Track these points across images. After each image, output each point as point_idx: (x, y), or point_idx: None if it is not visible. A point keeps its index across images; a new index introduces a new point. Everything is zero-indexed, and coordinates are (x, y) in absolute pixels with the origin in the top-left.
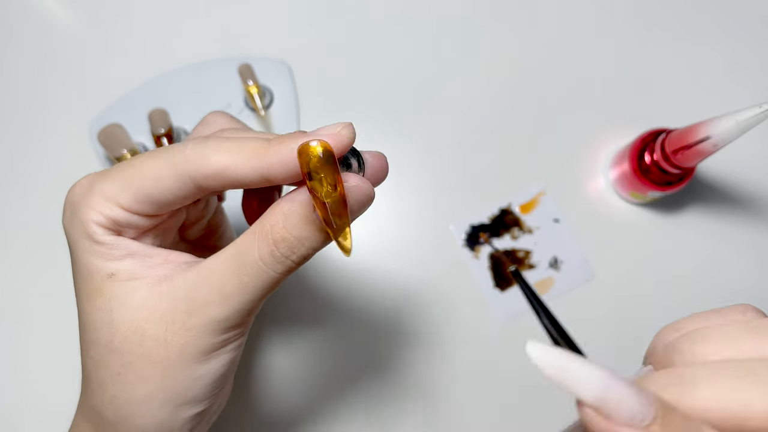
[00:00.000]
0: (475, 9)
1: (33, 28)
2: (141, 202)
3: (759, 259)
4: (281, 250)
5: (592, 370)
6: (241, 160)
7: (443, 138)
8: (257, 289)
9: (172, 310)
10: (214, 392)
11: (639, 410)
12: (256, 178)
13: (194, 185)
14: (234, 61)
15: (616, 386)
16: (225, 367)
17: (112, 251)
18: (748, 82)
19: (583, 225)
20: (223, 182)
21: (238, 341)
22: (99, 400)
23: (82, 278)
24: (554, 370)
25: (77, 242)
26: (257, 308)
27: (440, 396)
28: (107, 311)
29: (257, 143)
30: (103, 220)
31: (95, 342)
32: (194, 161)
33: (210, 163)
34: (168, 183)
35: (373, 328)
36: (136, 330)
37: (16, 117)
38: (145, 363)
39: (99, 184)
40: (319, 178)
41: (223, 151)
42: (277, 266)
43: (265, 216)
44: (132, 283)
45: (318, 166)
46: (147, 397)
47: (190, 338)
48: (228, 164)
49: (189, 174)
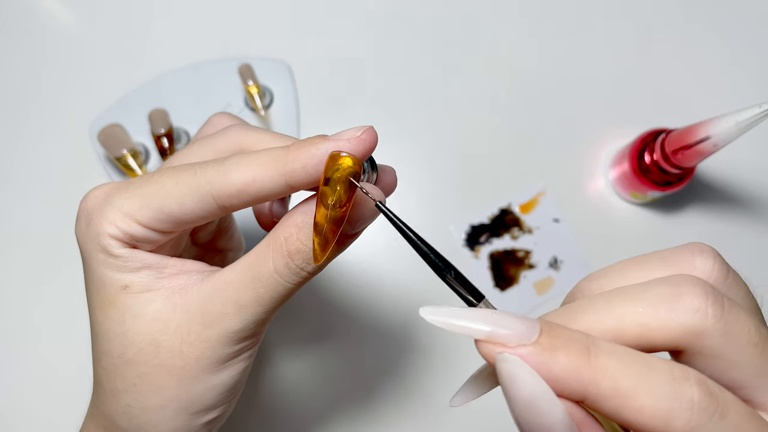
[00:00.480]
0: (474, 9)
1: (33, 28)
2: (161, 221)
3: (759, 259)
4: (296, 261)
5: (477, 315)
6: (264, 172)
7: (443, 138)
8: (272, 300)
9: (187, 321)
10: (229, 399)
11: (526, 331)
12: (280, 188)
13: (217, 205)
14: (234, 61)
15: (501, 320)
16: (239, 375)
17: (126, 263)
18: (748, 82)
19: (583, 225)
20: (246, 199)
21: (251, 350)
22: (113, 408)
23: (95, 288)
24: (447, 325)
25: (91, 253)
26: (271, 318)
27: (440, 397)
28: (120, 323)
29: (276, 152)
30: (119, 234)
31: (108, 352)
32: (216, 181)
33: (232, 182)
34: (191, 204)
35: (372, 329)
36: (151, 342)
37: (16, 117)
38: (161, 373)
39: (117, 199)
40: (335, 189)
41: (243, 166)
42: (293, 278)
43: (278, 227)
44: (146, 295)
45: (340, 180)
46: (162, 407)
47: (205, 349)
48: (251, 179)
49: (212, 194)
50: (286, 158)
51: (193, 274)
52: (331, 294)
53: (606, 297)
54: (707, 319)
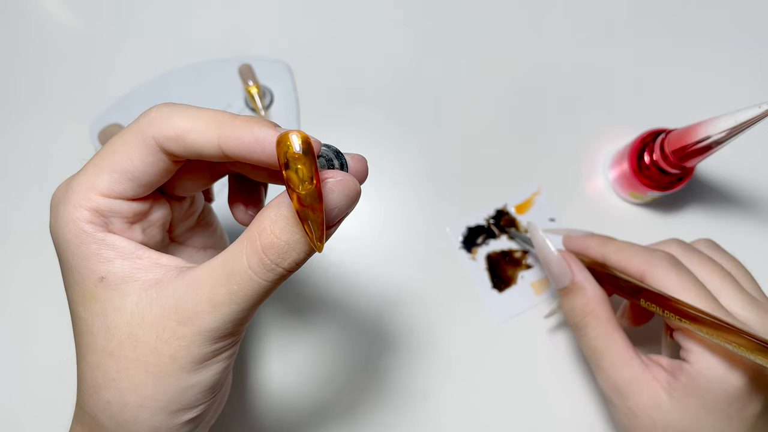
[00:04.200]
0: (474, 9)
1: (33, 28)
2: (117, 181)
3: (759, 259)
4: (271, 257)
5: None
6: (202, 126)
7: (441, 139)
8: (248, 298)
9: (161, 317)
10: (208, 399)
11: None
12: (213, 149)
13: (159, 149)
14: (234, 61)
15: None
16: (217, 375)
17: (101, 251)
18: (748, 82)
19: (583, 224)
20: (182, 146)
21: (230, 350)
22: (94, 405)
23: (73, 282)
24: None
25: (65, 246)
26: (249, 317)
27: (439, 397)
28: (103, 316)
29: (222, 115)
30: (86, 214)
31: (92, 346)
32: (158, 123)
33: (171, 125)
34: (136, 151)
35: (370, 330)
36: (130, 335)
37: (16, 117)
38: (138, 369)
39: (74, 180)
40: (296, 169)
41: (186, 115)
42: (268, 274)
43: (253, 223)
44: (123, 287)
45: (295, 156)
46: (140, 404)
47: (180, 347)
48: (188, 128)
49: (153, 136)
50: (228, 123)
51: (170, 269)
52: (320, 291)
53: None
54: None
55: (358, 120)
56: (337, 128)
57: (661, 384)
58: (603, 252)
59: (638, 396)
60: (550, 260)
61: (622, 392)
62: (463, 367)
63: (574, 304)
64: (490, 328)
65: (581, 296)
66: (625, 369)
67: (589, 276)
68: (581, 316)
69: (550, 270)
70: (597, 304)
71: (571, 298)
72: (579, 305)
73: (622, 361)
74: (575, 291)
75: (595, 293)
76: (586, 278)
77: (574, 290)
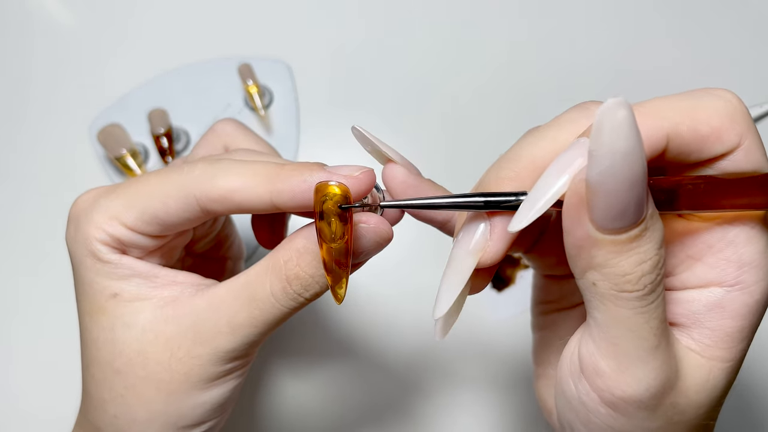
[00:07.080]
0: (474, 9)
1: (33, 28)
2: (146, 223)
3: None
4: (294, 287)
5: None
6: (251, 184)
7: (441, 138)
8: (267, 323)
9: (177, 336)
10: (218, 416)
11: None
12: (264, 205)
13: (200, 208)
14: (234, 61)
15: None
16: (228, 393)
17: (116, 270)
18: (748, 82)
19: None
20: (229, 206)
21: (242, 370)
22: (99, 418)
23: (85, 295)
24: (541, 206)
25: (81, 259)
26: (264, 340)
27: (439, 397)
28: (110, 330)
29: (269, 168)
30: (106, 238)
31: (97, 360)
32: (201, 183)
33: (217, 186)
34: (174, 204)
35: (368, 331)
36: (140, 352)
37: (17, 117)
38: (148, 386)
39: (104, 201)
40: (329, 222)
41: (232, 173)
42: (289, 302)
43: (278, 250)
44: (136, 304)
45: (331, 211)
46: (148, 420)
47: (194, 366)
48: (236, 187)
49: (195, 195)
50: (277, 176)
51: (187, 286)
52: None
53: None
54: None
55: (357, 120)
56: (337, 128)
57: None
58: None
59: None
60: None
61: None
62: (461, 367)
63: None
64: (490, 328)
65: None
66: None
67: None
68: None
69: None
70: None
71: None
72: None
73: None
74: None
75: None
76: None
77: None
